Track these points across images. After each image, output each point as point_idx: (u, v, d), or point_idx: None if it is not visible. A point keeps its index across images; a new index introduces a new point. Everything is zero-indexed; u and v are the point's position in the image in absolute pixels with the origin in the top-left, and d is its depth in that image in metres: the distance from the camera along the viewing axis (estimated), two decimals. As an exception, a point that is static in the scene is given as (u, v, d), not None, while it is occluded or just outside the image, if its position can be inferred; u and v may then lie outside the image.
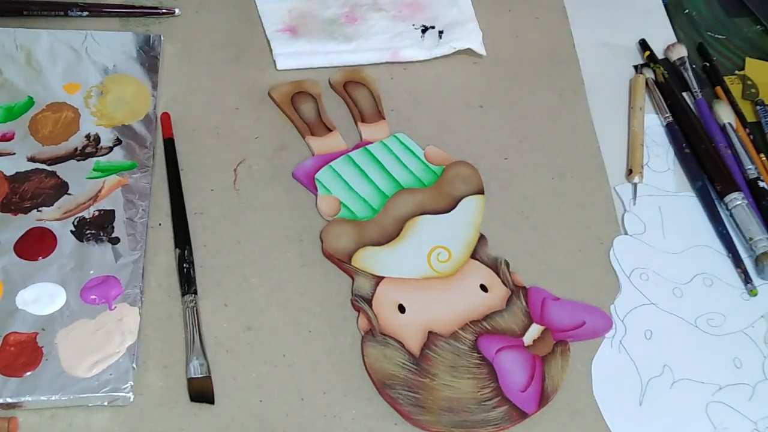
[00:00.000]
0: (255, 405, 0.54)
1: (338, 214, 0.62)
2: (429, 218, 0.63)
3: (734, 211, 0.65)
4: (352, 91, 0.71)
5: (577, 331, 0.58)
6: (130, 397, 0.52)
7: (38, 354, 0.53)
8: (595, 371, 0.57)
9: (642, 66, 0.75)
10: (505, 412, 0.54)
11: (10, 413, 0.51)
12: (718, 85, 0.75)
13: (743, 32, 0.81)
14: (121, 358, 0.53)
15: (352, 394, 0.55)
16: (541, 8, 0.79)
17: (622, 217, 0.66)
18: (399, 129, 0.68)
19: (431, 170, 0.66)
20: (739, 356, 0.59)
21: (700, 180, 0.68)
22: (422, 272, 0.60)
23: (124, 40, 0.69)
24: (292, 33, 0.74)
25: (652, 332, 0.60)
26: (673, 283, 0.62)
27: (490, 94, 0.72)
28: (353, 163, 0.65)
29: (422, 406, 0.54)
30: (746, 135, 0.71)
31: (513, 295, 0.59)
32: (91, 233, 0.58)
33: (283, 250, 0.61)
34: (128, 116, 0.65)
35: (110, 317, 0.55)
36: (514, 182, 0.67)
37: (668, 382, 0.58)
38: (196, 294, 0.57)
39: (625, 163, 0.69)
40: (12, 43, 0.68)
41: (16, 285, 0.55)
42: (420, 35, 0.75)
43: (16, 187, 0.60)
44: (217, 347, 0.56)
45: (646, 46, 0.77)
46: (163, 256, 0.59)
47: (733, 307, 0.62)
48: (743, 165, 0.69)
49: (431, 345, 0.56)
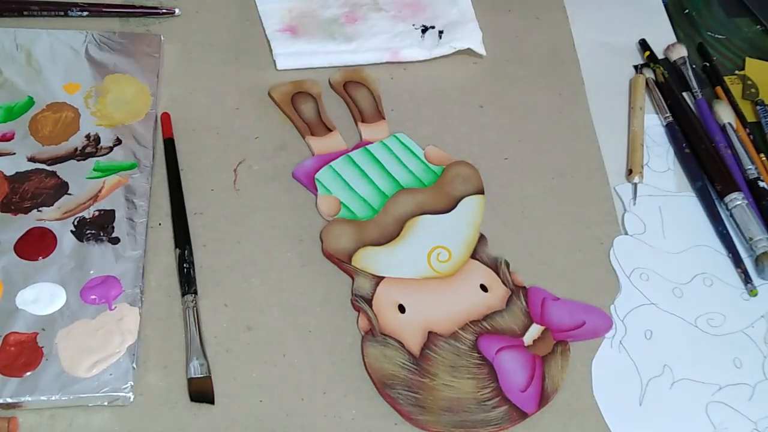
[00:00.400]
0: (255, 405, 0.54)
1: (338, 214, 0.62)
2: (429, 218, 0.63)
3: (734, 211, 0.65)
4: (352, 91, 0.71)
5: (577, 331, 0.58)
6: (130, 397, 0.52)
7: (38, 354, 0.53)
8: (595, 371, 0.57)
9: (642, 66, 0.75)
10: (505, 412, 0.54)
11: (10, 413, 0.51)
12: (719, 85, 0.75)
13: (743, 32, 0.81)
14: (121, 358, 0.53)
15: (352, 394, 0.55)
16: (541, 8, 0.79)
17: (622, 217, 0.66)
18: (399, 129, 0.68)
19: (431, 170, 0.66)
20: (739, 356, 0.59)
21: (700, 180, 0.68)
22: (422, 272, 0.60)
23: (124, 40, 0.69)
24: (292, 33, 0.74)
25: (652, 332, 0.60)
26: (673, 283, 0.62)
27: (490, 94, 0.72)
28: (353, 163, 0.65)
29: (422, 406, 0.54)
30: (746, 135, 0.71)
31: (513, 295, 0.59)
32: (91, 233, 0.58)
33: (283, 250, 0.61)
34: (128, 116, 0.65)
35: (110, 317, 0.55)
36: (514, 182, 0.67)
37: (668, 382, 0.58)
38: (196, 294, 0.57)
39: (625, 163, 0.69)
40: (12, 43, 0.68)
41: (16, 285, 0.55)
42: (420, 35, 0.75)
43: (16, 187, 0.60)
44: (217, 347, 0.56)
45: (646, 46, 0.77)
46: (163, 256, 0.59)
47: (733, 307, 0.62)
48: (743, 165, 0.69)
49: (431, 345, 0.56)
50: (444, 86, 0.73)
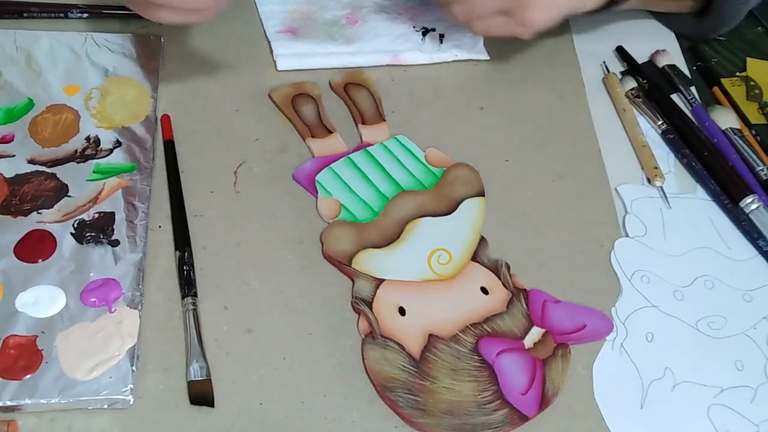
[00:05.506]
0: (255, 408, 0.54)
1: (339, 217, 0.62)
2: (429, 220, 0.63)
3: (752, 215, 0.65)
4: (353, 92, 0.71)
5: (578, 333, 0.58)
6: (130, 400, 0.52)
7: (38, 357, 0.52)
8: (596, 374, 0.57)
9: (623, 74, 0.75)
10: (505, 415, 0.54)
11: (10, 416, 0.51)
12: (715, 85, 0.75)
13: (744, 33, 0.80)
14: (121, 360, 0.53)
15: (353, 396, 0.55)
16: (542, 10, 0.79)
17: (623, 220, 0.65)
18: (399, 131, 0.68)
19: (432, 172, 0.66)
20: (741, 359, 0.59)
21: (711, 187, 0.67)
22: (423, 275, 0.60)
23: (124, 42, 0.69)
24: (293, 34, 0.74)
25: (653, 335, 0.60)
26: (674, 285, 0.62)
27: (491, 96, 0.72)
28: (354, 165, 0.65)
29: (422, 409, 0.54)
30: (752, 136, 0.71)
31: (514, 297, 0.59)
32: (91, 235, 0.58)
33: (283, 253, 0.61)
34: (128, 118, 0.65)
35: (110, 320, 0.55)
36: (515, 184, 0.67)
37: (669, 384, 0.57)
38: (196, 296, 0.57)
39: (629, 166, 0.69)
40: (12, 45, 0.68)
41: (15, 287, 0.55)
42: (420, 38, 0.74)
43: (16, 189, 0.60)
44: (217, 350, 0.56)
45: (625, 54, 0.76)
46: (163, 259, 0.59)
47: (734, 310, 0.62)
48: (753, 166, 0.68)
49: (431, 348, 0.56)
50: (445, 88, 0.73)
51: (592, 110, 0.72)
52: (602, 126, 0.71)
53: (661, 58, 0.76)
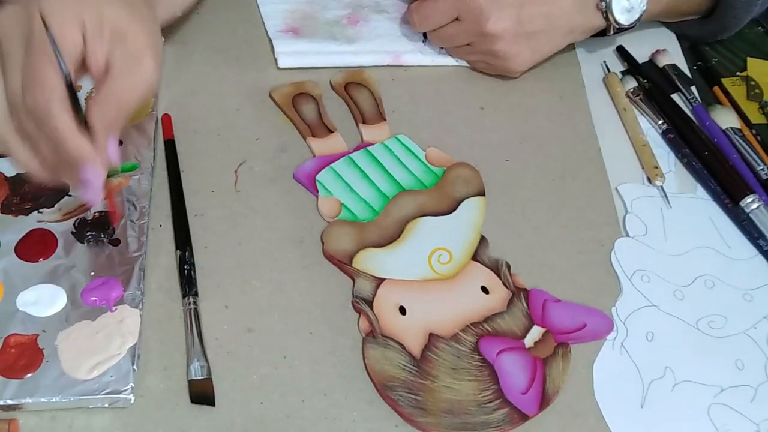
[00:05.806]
0: (256, 407, 0.54)
1: (339, 216, 0.62)
2: (430, 220, 0.63)
3: (753, 214, 0.65)
4: (353, 92, 0.71)
5: (578, 333, 0.58)
6: (131, 399, 0.52)
7: (39, 356, 0.53)
8: (596, 373, 0.57)
9: (623, 74, 0.75)
10: (506, 415, 0.54)
11: (11, 415, 0.51)
12: (715, 85, 0.75)
13: (744, 33, 0.80)
14: (122, 359, 0.53)
15: (353, 396, 0.55)
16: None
17: (623, 219, 0.65)
18: (400, 130, 0.68)
19: (432, 172, 0.66)
20: (741, 358, 0.59)
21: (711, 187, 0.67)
22: (423, 274, 0.60)
23: (125, 42, 0.69)
24: (295, 33, 0.74)
25: (653, 334, 0.60)
26: (675, 285, 0.62)
27: (491, 96, 0.72)
28: (354, 165, 0.65)
29: (423, 408, 0.54)
30: (753, 136, 0.71)
31: (514, 296, 0.59)
32: (91, 235, 0.58)
33: (283, 252, 0.61)
34: (129, 118, 0.65)
35: (111, 319, 0.55)
36: (515, 184, 0.67)
37: (670, 384, 0.57)
38: (196, 296, 0.57)
39: (629, 165, 0.69)
40: (13, 45, 0.68)
41: (16, 286, 0.55)
42: (422, 39, 0.74)
43: (17, 188, 0.60)
44: (218, 349, 0.56)
45: (625, 54, 0.76)
46: (163, 258, 0.59)
47: (734, 309, 0.62)
48: (754, 166, 0.68)
49: (432, 347, 0.56)
50: (445, 88, 0.73)
51: (593, 110, 0.73)
52: (602, 126, 0.71)
53: (661, 57, 0.76)
